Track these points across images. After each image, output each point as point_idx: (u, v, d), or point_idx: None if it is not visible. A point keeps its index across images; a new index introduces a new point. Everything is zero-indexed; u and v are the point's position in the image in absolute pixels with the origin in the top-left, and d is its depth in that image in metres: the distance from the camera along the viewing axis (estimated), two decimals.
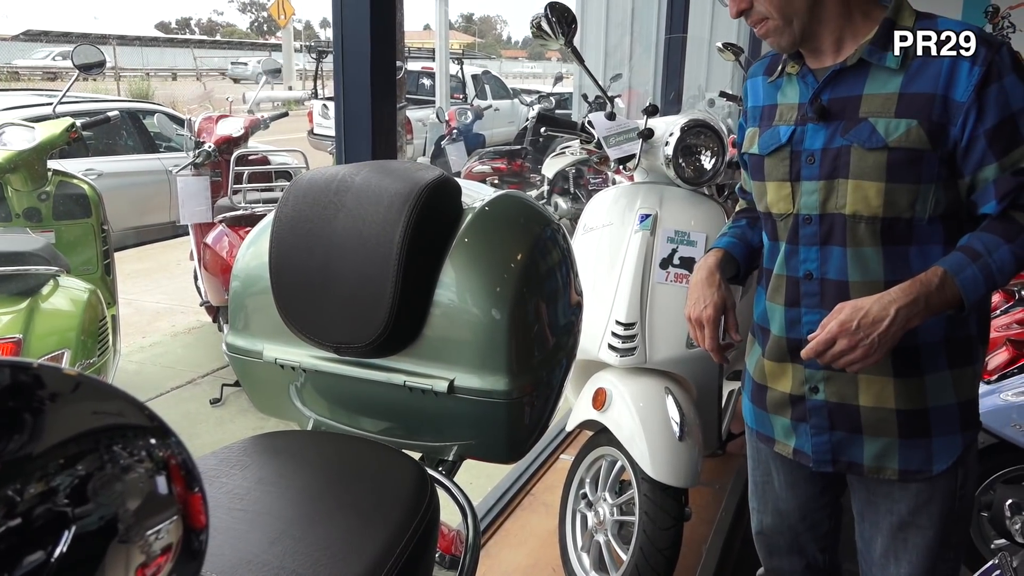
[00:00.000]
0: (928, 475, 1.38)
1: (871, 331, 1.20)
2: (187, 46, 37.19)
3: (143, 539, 0.42)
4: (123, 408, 0.42)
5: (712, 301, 1.47)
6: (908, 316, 1.20)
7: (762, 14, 1.29)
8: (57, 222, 3.39)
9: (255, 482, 0.96)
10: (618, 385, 2.15)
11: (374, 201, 1.04)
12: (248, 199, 4.02)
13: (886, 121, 1.25)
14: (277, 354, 1.17)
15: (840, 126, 1.30)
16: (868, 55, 1.27)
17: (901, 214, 1.28)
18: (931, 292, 1.21)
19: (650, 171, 2.38)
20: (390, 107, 1.81)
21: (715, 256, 1.55)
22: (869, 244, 1.31)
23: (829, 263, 1.35)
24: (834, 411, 1.40)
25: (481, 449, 1.16)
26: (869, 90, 1.28)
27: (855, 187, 1.29)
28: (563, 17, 2.22)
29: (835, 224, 1.33)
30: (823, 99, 1.32)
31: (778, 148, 1.39)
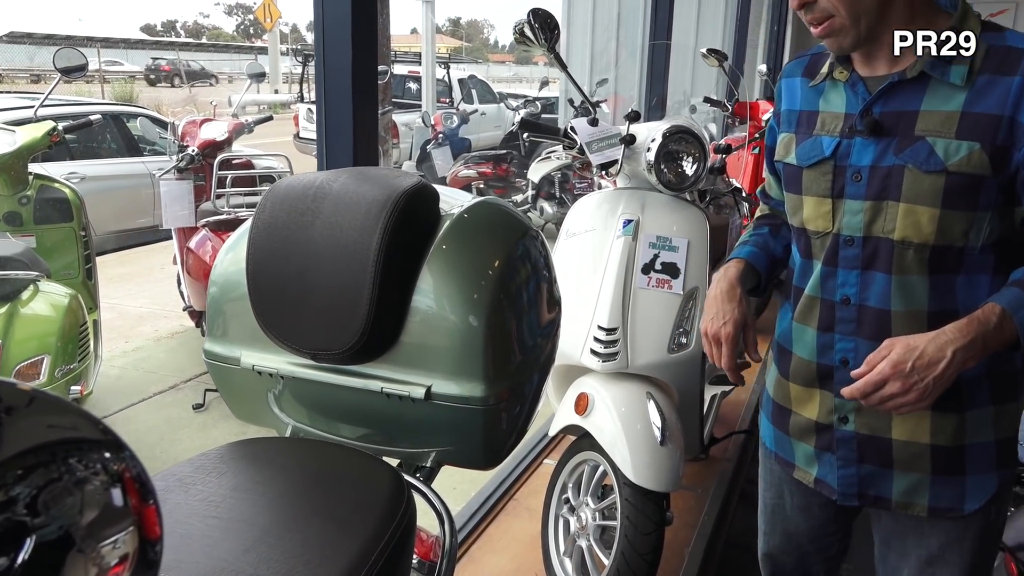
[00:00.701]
0: (959, 514, 1.31)
1: (926, 374, 1.11)
2: (173, 48, 37.03)
3: (100, 549, 0.42)
4: (77, 422, 0.42)
5: (732, 317, 1.37)
6: (965, 358, 1.11)
7: (827, 10, 1.18)
8: (38, 226, 3.37)
9: (231, 489, 0.96)
10: (600, 390, 2.16)
11: (351, 208, 1.04)
12: (231, 203, 4.00)
13: (946, 142, 1.16)
14: (255, 361, 1.17)
15: (893, 143, 1.20)
16: (930, 68, 1.17)
17: (953, 242, 1.19)
18: (989, 332, 1.12)
19: (632, 177, 2.39)
20: (371, 113, 1.81)
21: (736, 267, 1.45)
22: (916, 272, 1.22)
23: (870, 289, 1.26)
24: (864, 443, 1.33)
25: (459, 455, 1.16)
26: (928, 106, 1.18)
27: (907, 211, 1.19)
28: (546, 23, 2.23)
29: (880, 248, 1.24)
30: (875, 111, 1.22)
31: (820, 161, 1.29)
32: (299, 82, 12.84)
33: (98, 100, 12.51)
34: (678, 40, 4.79)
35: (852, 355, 1.30)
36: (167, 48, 37.53)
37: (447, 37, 59.68)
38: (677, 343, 2.21)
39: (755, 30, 7.26)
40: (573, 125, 2.34)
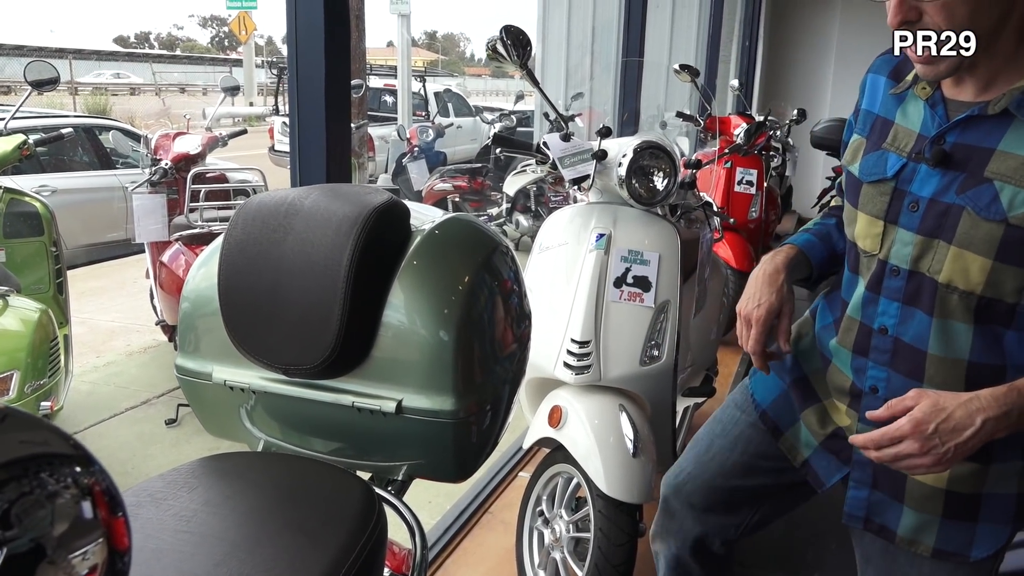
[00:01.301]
0: (965, 559, 1.25)
1: (948, 440, 1.03)
2: (146, 61, 36.78)
3: (70, 560, 0.43)
4: (48, 438, 0.44)
5: (768, 301, 1.30)
6: (995, 429, 1.04)
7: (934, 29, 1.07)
8: (7, 240, 3.34)
9: (202, 504, 0.96)
10: (573, 403, 2.18)
11: (323, 224, 1.05)
12: (205, 217, 3.99)
13: (1014, 190, 1.05)
14: (226, 376, 1.17)
15: (959, 180, 1.11)
16: (1016, 107, 1.07)
17: (1004, 297, 1.10)
18: None
19: (604, 191, 2.42)
20: (344, 128, 1.83)
21: (786, 253, 1.38)
22: (960, 319, 1.14)
23: (908, 324, 1.19)
24: (879, 472, 1.28)
25: (430, 468, 1.18)
26: (1005, 146, 1.07)
27: (956, 255, 1.11)
28: (518, 40, 2.25)
29: (924, 286, 1.16)
30: (947, 141, 1.13)
31: (880, 180, 1.21)
32: (274, 95, 12.82)
33: (70, 112, 12.41)
34: (651, 56, 4.85)
35: (883, 384, 1.25)
36: (140, 60, 37.27)
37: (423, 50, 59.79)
38: (649, 356, 2.23)
39: (727, 46, 7.36)
40: (546, 140, 2.37)
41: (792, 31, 8.15)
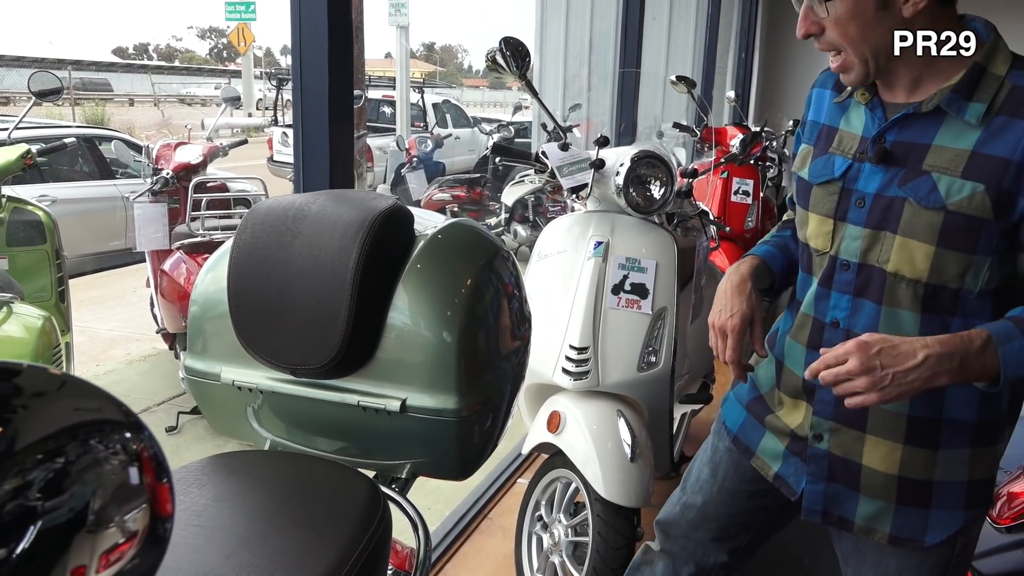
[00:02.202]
0: (920, 545, 1.30)
1: (889, 365, 1.07)
2: (145, 71, 36.88)
3: (113, 525, 0.46)
4: (102, 405, 0.47)
5: (740, 310, 1.34)
6: (936, 368, 1.07)
7: (833, 45, 1.17)
8: (11, 248, 3.36)
9: (212, 499, 0.99)
10: (572, 408, 2.20)
11: (330, 228, 1.09)
12: (206, 226, 4.02)
13: (950, 180, 1.13)
14: (234, 376, 1.20)
15: (900, 174, 1.18)
16: (947, 104, 1.15)
17: (948, 283, 1.17)
18: (970, 353, 1.08)
19: (602, 200, 2.46)
20: (347, 137, 1.86)
21: (749, 264, 1.43)
22: (907, 307, 1.21)
23: (859, 315, 1.26)
24: (835, 464, 1.33)
25: (433, 466, 1.20)
26: (940, 141, 1.15)
27: (901, 244, 1.18)
28: (517, 51, 2.29)
29: (873, 277, 1.23)
30: (887, 140, 1.20)
31: (829, 181, 1.28)
32: (273, 106, 12.87)
33: (69, 123, 12.45)
34: (648, 67, 4.90)
35: None
36: (139, 71, 37.36)
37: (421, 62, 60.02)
38: (646, 362, 2.26)
39: (723, 57, 7.42)
40: (544, 150, 2.40)
41: (788, 42, 8.21)
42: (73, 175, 7.34)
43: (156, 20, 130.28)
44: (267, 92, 16.69)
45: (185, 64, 50.66)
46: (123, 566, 0.46)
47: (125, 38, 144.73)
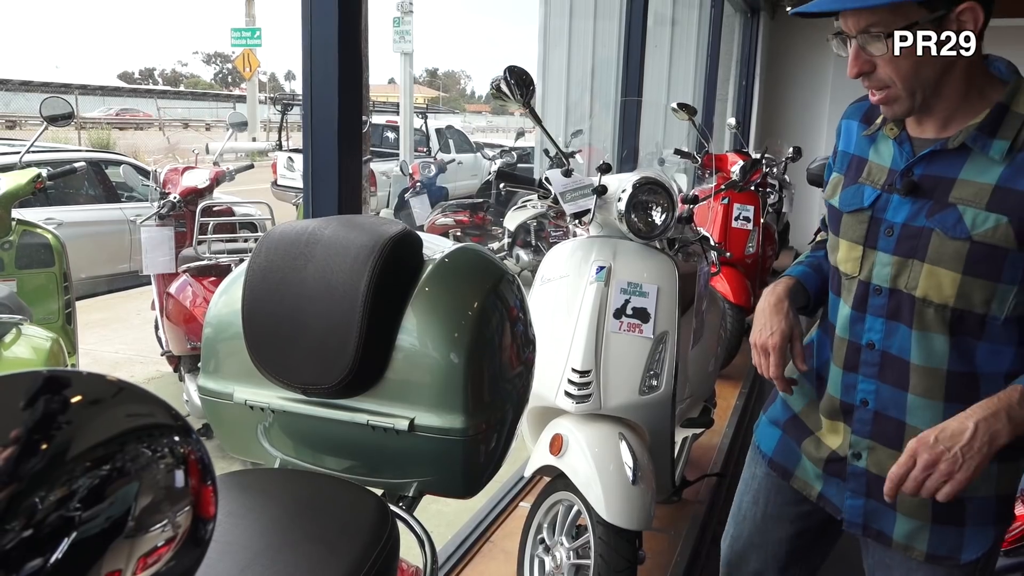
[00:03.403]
0: (956, 563, 1.35)
1: (952, 443, 1.14)
2: (150, 96, 37.18)
3: (153, 530, 0.48)
4: (154, 410, 0.50)
5: (780, 328, 1.41)
6: (989, 430, 1.14)
7: (883, 81, 1.23)
8: (19, 271, 3.41)
9: (225, 515, 1.02)
10: (574, 431, 2.22)
11: (342, 253, 1.12)
12: (213, 249, 4.06)
13: (975, 212, 1.20)
14: (247, 396, 1.24)
15: (927, 206, 1.25)
16: (972, 141, 1.22)
17: (974, 308, 1.24)
18: (1012, 407, 1.15)
19: (604, 225, 2.50)
20: (356, 161, 1.90)
21: (785, 284, 1.51)
22: (937, 330, 1.27)
23: (893, 338, 1.32)
24: (872, 481, 1.39)
25: (439, 485, 1.23)
26: (965, 175, 1.23)
27: (929, 272, 1.25)
28: (521, 80, 2.34)
29: (903, 302, 1.30)
30: (915, 173, 1.28)
31: (858, 210, 1.35)
32: (278, 130, 12.98)
33: (76, 147, 12.56)
34: (650, 95, 4.96)
35: (872, 396, 1.37)
36: (144, 95, 37.67)
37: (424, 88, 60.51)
38: (648, 385, 2.29)
39: (724, 85, 7.50)
40: (548, 176, 2.44)
41: (788, 70, 8.32)
42: (79, 198, 7.41)
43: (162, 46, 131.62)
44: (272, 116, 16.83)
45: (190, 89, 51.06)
46: (160, 568, 0.49)
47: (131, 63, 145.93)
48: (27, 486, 0.43)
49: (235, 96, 39.80)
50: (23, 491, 0.43)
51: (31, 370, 0.45)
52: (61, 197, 7.18)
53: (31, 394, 0.45)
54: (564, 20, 10.12)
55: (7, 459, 0.43)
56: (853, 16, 1.20)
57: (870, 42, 1.20)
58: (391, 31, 13.70)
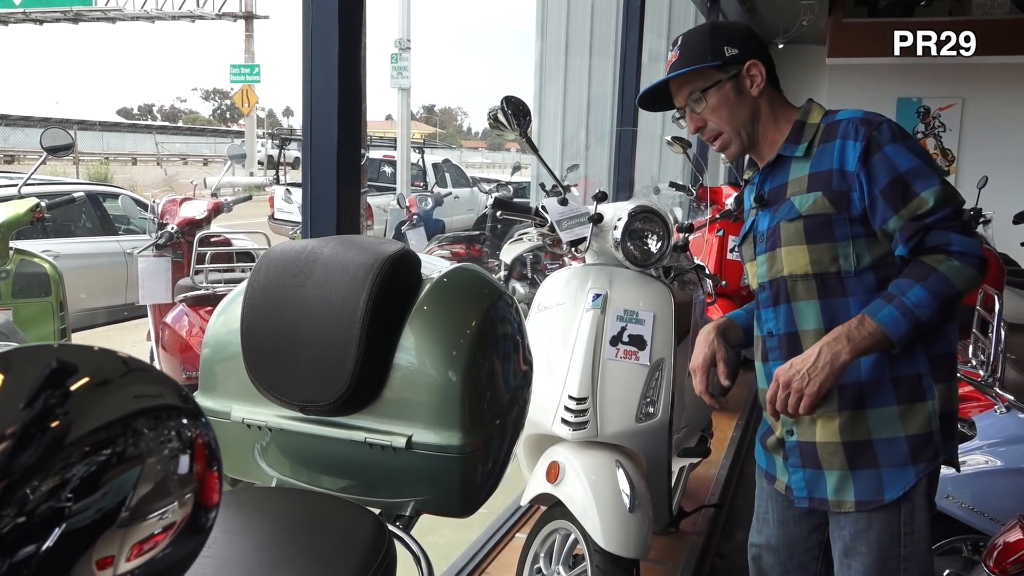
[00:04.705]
0: (881, 503, 1.54)
1: (801, 366, 1.43)
2: (149, 131, 37.39)
3: (150, 517, 0.48)
4: (163, 391, 0.49)
5: (703, 352, 1.70)
6: (832, 350, 1.42)
7: (715, 130, 1.61)
8: (16, 300, 3.40)
9: (221, 532, 1.01)
10: (571, 458, 2.22)
11: (340, 271, 1.13)
12: (210, 279, 4.06)
13: (801, 197, 1.55)
14: (244, 414, 1.24)
15: (776, 209, 1.60)
16: (784, 150, 1.60)
17: (827, 269, 1.53)
18: (851, 330, 1.42)
19: (600, 253, 2.51)
20: (354, 190, 1.92)
21: (718, 321, 1.80)
22: (807, 298, 1.56)
23: (781, 320, 1.61)
24: (803, 450, 1.62)
25: (436, 504, 1.23)
26: (791, 176, 1.60)
27: (787, 252, 1.57)
28: (518, 109, 2.37)
29: (780, 286, 1.60)
30: (765, 190, 1.64)
31: (745, 235, 1.72)
32: (275, 165, 13.06)
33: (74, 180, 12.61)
34: (644, 128, 5.01)
35: None
36: (143, 131, 37.87)
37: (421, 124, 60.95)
38: (644, 412, 2.29)
39: None
40: (544, 204, 2.47)
41: None
42: (77, 231, 7.41)
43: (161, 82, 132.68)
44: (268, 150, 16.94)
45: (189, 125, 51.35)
46: (156, 555, 0.48)
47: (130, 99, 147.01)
48: (20, 477, 0.43)
49: (233, 132, 40.01)
50: (16, 481, 0.43)
51: (43, 344, 0.45)
52: (58, 229, 7.19)
53: (36, 382, 0.44)
54: (560, 57, 10.27)
55: (2, 452, 0.43)
56: (680, 92, 1.62)
57: (694, 105, 1.61)
58: (389, 67, 13.85)
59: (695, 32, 1.67)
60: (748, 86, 1.59)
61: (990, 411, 2.50)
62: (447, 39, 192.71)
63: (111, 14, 23.33)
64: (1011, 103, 7.91)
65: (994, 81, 7.54)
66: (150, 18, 23.96)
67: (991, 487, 2.33)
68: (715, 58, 1.57)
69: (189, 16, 23.79)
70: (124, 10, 23.11)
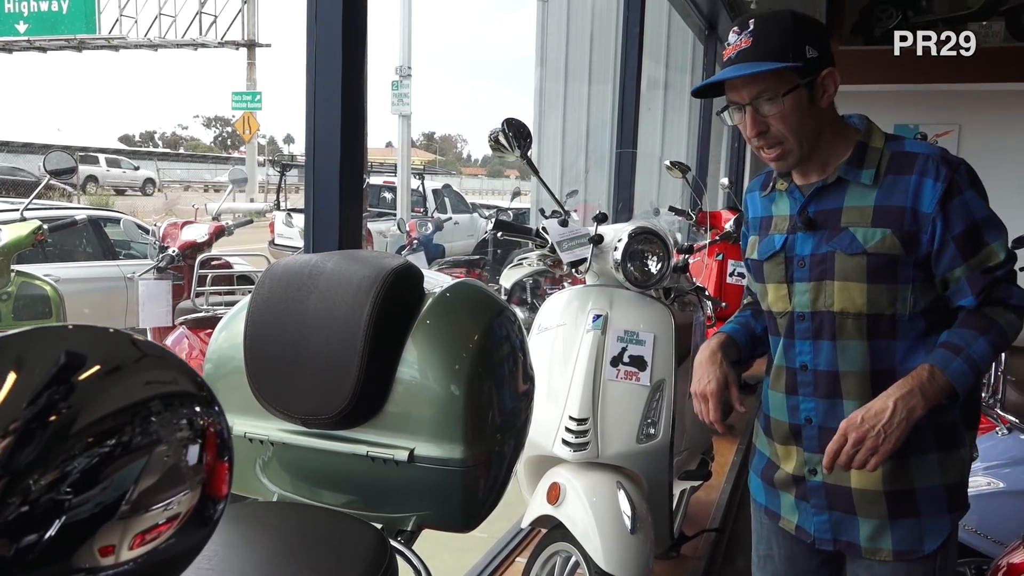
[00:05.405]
0: (921, 554, 1.48)
1: (875, 422, 1.33)
2: (150, 158, 37.57)
3: (154, 508, 0.48)
4: (177, 377, 0.49)
5: (715, 376, 1.59)
6: (907, 405, 1.33)
7: (778, 137, 1.45)
8: (16, 322, 3.40)
9: (222, 545, 1.01)
10: (572, 480, 2.21)
11: (344, 284, 1.14)
12: (210, 302, 4.07)
13: (864, 230, 1.43)
14: (246, 428, 1.24)
15: (825, 234, 1.48)
16: (845, 173, 1.47)
17: (883, 311, 1.44)
18: (924, 383, 1.34)
19: (600, 274, 2.52)
20: (356, 211, 1.93)
21: (718, 339, 1.68)
22: (855, 338, 1.47)
23: (820, 355, 1.51)
24: (831, 492, 1.53)
25: (439, 518, 1.22)
26: (848, 203, 1.47)
27: (841, 288, 1.46)
28: (519, 132, 2.39)
29: (824, 320, 1.49)
30: (809, 211, 1.51)
31: (774, 254, 1.57)
32: (276, 190, 13.11)
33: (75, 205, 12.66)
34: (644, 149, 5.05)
35: (814, 414, 1.53)
36: (144, 157, 38.06)
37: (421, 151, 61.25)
38: (645, 433, 2.28)
39: (716, 147, 7.64)
40: (545, 226, 2.48)
41: None
42: (77, 255, 7.43)
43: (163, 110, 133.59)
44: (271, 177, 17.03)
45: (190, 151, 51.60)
46: (159, 544, 0.48)
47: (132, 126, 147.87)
48: (24, 468, 0.44)
49: (234, 159, 40.22)
50: (20, 473, 0.43)
51: (59, 325, 0.45)
52: (59, 254, 7.20)
53: (44, 369, 0.44)
54: (559, 85, 10.37)
55: (5, 448, 0.43)
56: (747, 87, 1.43)
57: (763, 105, 1.43)
58: (389, 94, 13.97)
59: (774, 20, 1.43)
60: (819, 95, 1.45)
61: (991, 433, 2.50)
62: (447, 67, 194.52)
63: (115, 42, 23.53)
64: (1007, 129, 7.97)
65: (990, 108, 7.61)
66: (153, 46, 24.16)
67: (994, 509, 2.33)
68: (796, 58, 1.40)
69: (192, 44, 23.99)
70: (128, 38, 23.31)
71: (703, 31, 6.59)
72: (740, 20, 1.46)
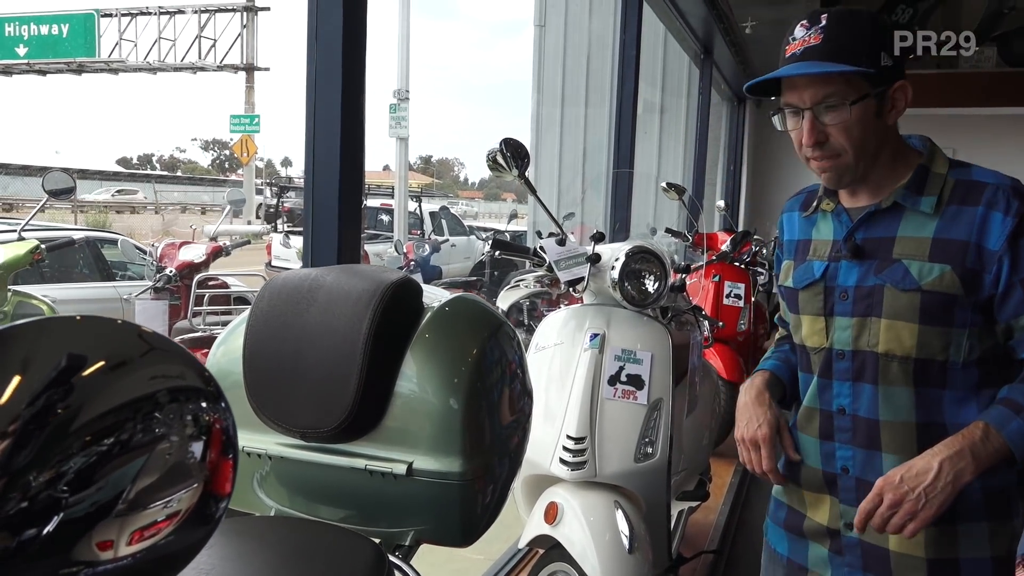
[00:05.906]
0: None
1: (916, 483, 1.18)
2: (148, 181, 37.68)
3: (153, 506, 0.47)
4: (184, 371, 0.49)
5: (767, 419, 1.43)
6: (954, 468, 1.17)
7: (836, 149, 1.29)
8: None
9: (219, 559, 1.00)
10: (569, 499, 2.20)
11: (343, 297, 1.15)
12: (207, 321, 4.07)
13: (920, 264, 1.27)
14: (244, 442, 1.23)
15: (873, 265, 1.32)
16: (902, 199, 1.31)
17: (935, 356, 1.28)
18: (975, 444, 1.19)
19: (598, 293, 2.53)
20: (355, 230, 1.93)
21: (762, 377, 1.53)
22: (901, 384, 1.31)
23: (860, 399, 1.35)
24: (867, 551, 1.37)
25: (437, 533, 1.22)
26: (903, 232, 1.30)
27: (888, 326, 1.29)
28: (517, 151, 2.40)
29: (867, 361, 1.33)
30: (857, 238, 1.34)
31: (812, 283, 1.40)
32: (273, 213, 13.13)
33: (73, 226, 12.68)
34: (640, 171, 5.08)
35: (851, 463, 1.38)
36: (142, 180, 38.15)
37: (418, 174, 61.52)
38: (643, 452, 2.28)
39: (712, 170, 7.69)
40: (542, 245, 2.49)
41: (775, 155, 8.53)
42: (74, 276, 7.43)
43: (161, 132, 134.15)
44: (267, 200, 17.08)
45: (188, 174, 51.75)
46: (157, 541, 0.48)
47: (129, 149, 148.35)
48: (24, 468, 0.44)
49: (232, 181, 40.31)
50: (20, 471, 0.44)
51: (67, 316, 0.45)
52: (56, 275, 7.20)
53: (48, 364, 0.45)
54: (556, 108, 10.45)
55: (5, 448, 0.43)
56: (811, 88, 1.27)
57: (826, 112, 1.27)
58: (387, 117, 14.04)
59: (851, 18, 1.28)
60: (888, 109, 1.29)
61: None
62: (444, 92, 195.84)
63: (114, 65, 23.70)
64: (1000, 154, 8.02)
65: (984, 133, 7.66)
66: (152, 69, 24.33)
67: None
68: (870, 64, 1.24)
69: (191, 67, 24.16)
70: (127, 61, 23.47)
71: (699, 55, 6.65)
72: (811, 13, 1.28)
